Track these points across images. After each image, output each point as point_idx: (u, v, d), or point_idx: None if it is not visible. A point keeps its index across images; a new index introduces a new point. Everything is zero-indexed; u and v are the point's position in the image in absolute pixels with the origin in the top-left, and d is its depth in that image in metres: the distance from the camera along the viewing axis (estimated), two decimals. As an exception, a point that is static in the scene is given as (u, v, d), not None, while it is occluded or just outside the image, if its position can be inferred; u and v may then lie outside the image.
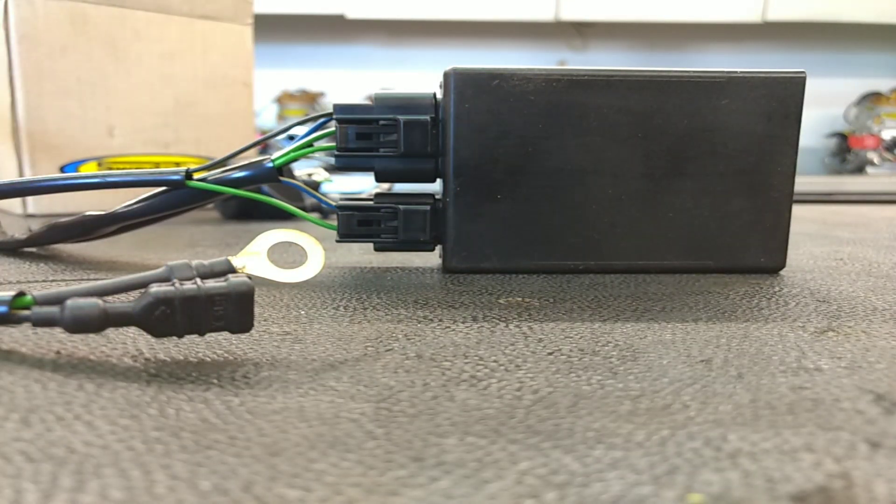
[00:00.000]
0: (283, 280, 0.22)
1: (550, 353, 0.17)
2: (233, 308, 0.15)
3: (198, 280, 0.15)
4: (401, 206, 0.25)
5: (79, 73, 0.46)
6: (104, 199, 0.27)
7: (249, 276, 0.16)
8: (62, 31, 0.45)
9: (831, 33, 1.57)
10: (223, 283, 0.15)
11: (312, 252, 0.22)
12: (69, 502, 0.10)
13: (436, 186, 0.27)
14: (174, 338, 0.15)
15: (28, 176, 0.45)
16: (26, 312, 0.15)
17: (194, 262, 0.16)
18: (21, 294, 0.14)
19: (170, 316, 0.15)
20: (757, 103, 0.25)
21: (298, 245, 0.22)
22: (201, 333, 0.15)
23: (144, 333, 0.18)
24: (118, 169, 0.48)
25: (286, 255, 0.30)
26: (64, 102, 0.46)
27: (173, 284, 0.15)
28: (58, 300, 0.14)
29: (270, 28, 1.31)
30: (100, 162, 0.48)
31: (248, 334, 0.18)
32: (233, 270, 0.17)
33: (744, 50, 1.62)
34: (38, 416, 0.12)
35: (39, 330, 0.18)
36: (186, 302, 0.15)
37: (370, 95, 0.26)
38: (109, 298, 0.15)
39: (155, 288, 0.15)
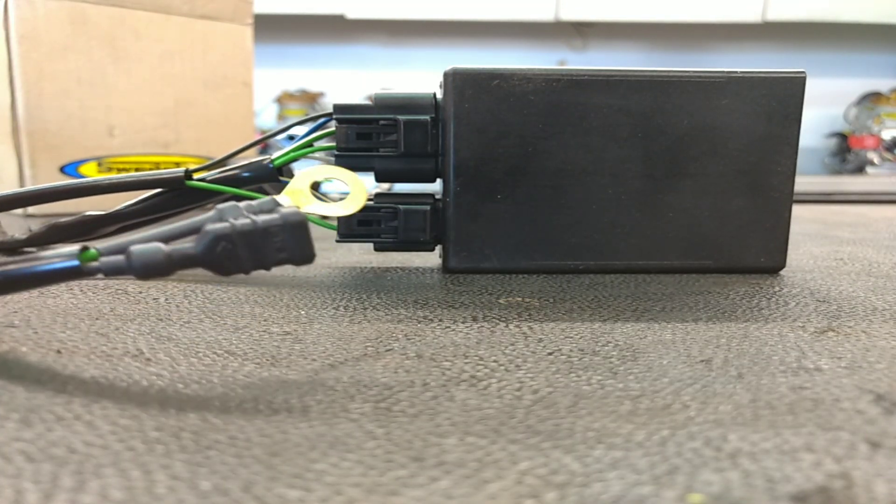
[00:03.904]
0: (329, 213, 0.21)
1: (550, 353, 0.17)
2: (291, 239, 0.15)
3: (251, 216, 0.15)
4: (401, 206, 0.25)
5: (79, 73, 0.46)
6: (104, 198, 0.27)
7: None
8: (62, 31, 0.45)
9: (831, 33, 1.57)
10: (276, 215, 0.15)
11: (354, 185, 0.22)
12: (69, 502, 0.10)
13: (436, 186, 0.27)
14: (241, 274, 0.15)
15: (28, 175, 0.45)
16: (95, 264, 0.14)
17: (242, 203, 0.16)
18: (85, 248, 0.14)
19: (232, 252, 0.15)
20: (757, 103, 0.25)
21: (338, 178, 0.22)
22: (267, 267, 0.15)
23: (145, 334, 0.18)
24: (118, 169, 0.48)
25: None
26: (64, 102, 0.46)
27: (228, 221, 0.15)
28: (121, 250, 0.14)
29: (270, 28, 1.31)
30: (100, 162, 0.48)
31: (247, 334, 0.18)
32: (279, 206, 0.16)
33: (744, 50, 1.62)
34: (39, 416, 0.12)
35: (40, 330, 0.18)
36: (245, 236, 0.15)
37: (370, 95, 0.26)
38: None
39: (211, 225, 0.15)
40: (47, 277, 0.15)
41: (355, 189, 0.22)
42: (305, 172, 0.20)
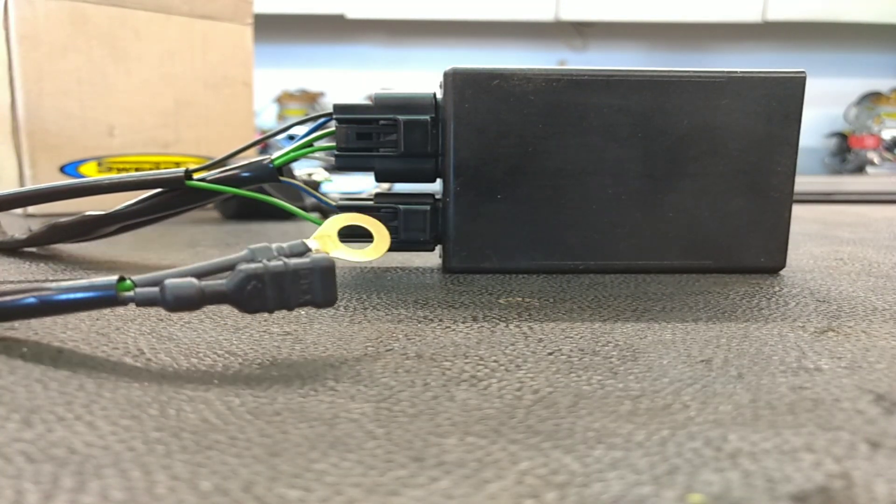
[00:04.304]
0: (354, 260, 0.22)
1: (550, 353, 0.17)
2: (318, 282, 0.16)
3: (283, 258, 0.16)
4: (401, 206, 0.25)
5: (79, 73, 0.46)
6: (104, 198, 0.27)
7: None
8: (62, 31, 0.45)
9: (831, 33, 1.57)
10: (307, 260, 0.16)
11: (379, 234, 0.23)
12: (70, 503, 0.10)
13: (436, 186, 0.27)
14: (264, 314, 0.16)
15: (28, 175, 0.45)
16: (130, 294, 0.15)
17: (274, 245, 0.17)
18: (122, 279, 0.15)
19: (260, 291, 0.15)
20: (757, 103, 0.25)
21: (364, 227, 0.23)
22: (290, 308, 0.16)
23: (146, 334, 0.18)
24: (118, 169, 0.48)
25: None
26: (64, 102, 0.46)
27: (261, 262, 0.16)
28: (155, 282, 0.15)
29: (270, 28, 1.31)
30: (100, 162, 0.48)
31: (248, 334, 0.18)
32: (309, 251, 0.17)
33: (744, 50, 1.62)
34: (40, 417, 0.12)
35: (41, 330, 0.18)
36: (275, 277, 0.16)
37: (370, 95, 0.26)
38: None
39: (244, 265, 0.16)
40: (84, 305, 0.15)
41: (379, 236, 0.23)
42: (335, 219, 0.22)
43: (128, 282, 0.15)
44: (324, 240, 0.21)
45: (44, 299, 0.15)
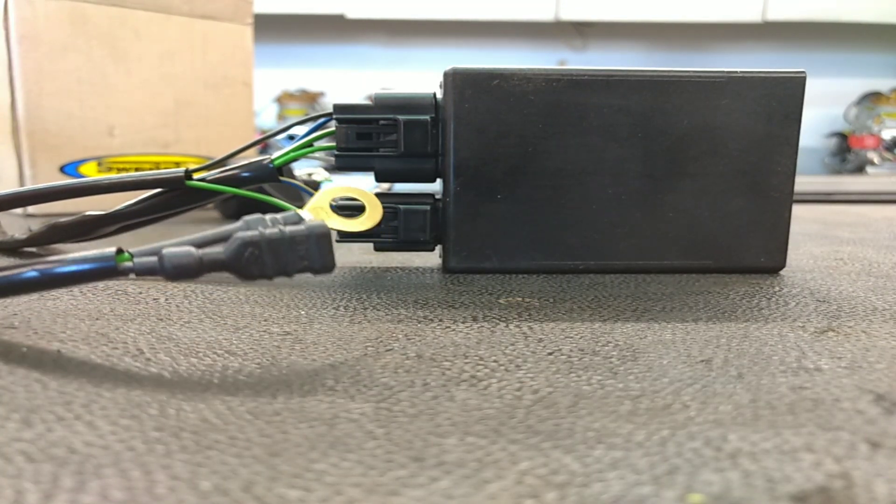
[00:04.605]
0: (347, 229, 0.23)
1: (550, 353, 0.17)
2: (314, 248, 0.16)
3: (279, 225, 0.16)
4: (401, 206, 0.25)
5: (79, 73, 0.46)
6: (104, 198, 0.27)
7: None
8: (62, 31, 0.45)
9: (831, 33, 1.57)
10: (302, 227, 0.16)
11: (371, 204, 0.23)
12: (70, 503, 0.10)
13: (436, 186, 0.27)
14: (264, 280, 0.16)
15: (28, 175, 0.45)
16: (129, 264, 0.15)
17: (268, 216, 0.17)
18: (120, 250, 0.15)
19: (258, 257, 0.15)
20: (757, 103, 0.25)
21: (356, 197, 0.23)
22: (289, 275, 0.16)
23: (146, 334, 0.18)
24: (118, 169, 0.48)
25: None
26: (64, 102, 0.46)
27: (257, 230, 0.16)
28: (154, 252, 0.15)
29: (270, 28, 1.31)
30: (100, 162, 0.48)
31: (248, 334, 0.18)
32: (302, 220, 0.18)
33: (744, 50, 1.62)
34: (39, 417, 0.12)
35: (41, 330, 0.18)
36: (272, 244, 0.16)
37: (370, 95, 0.26)
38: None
39: (241, 233, 0.16)
40: (84, 277, 0.15)
41: (371, 206, 0.23)
42: (327, 191, 0.22)
43: (126, 253, 0.15)
44: (317, 211, 0.21)
45: (45, 272, 0.15)
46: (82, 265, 0.15)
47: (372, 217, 0.23)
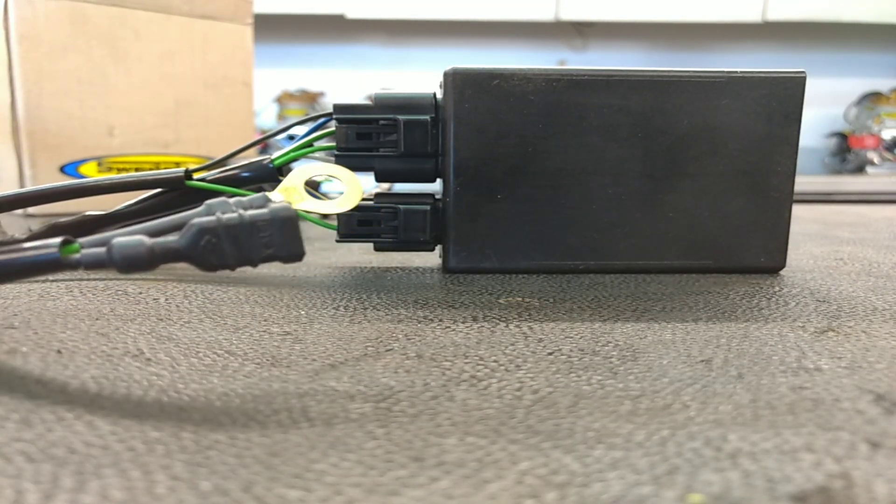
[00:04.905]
0: (322, 211, 0.20)
1: (550, 353, 0.17)
2: (278, 234, 0.15)
3: (240, 210, 0.15)
4: (401, 206, 0.25)
5: (79, 73, 0.46)
6: (104, 198, 0.27)
7: None
8: (62, 31, 0.45)
9: (831, 33, 1.57)
10: (265, 210, 0.15)
11: (350, 183, 0.21)
12: (70, 503, 0.10)
13: (436, 186, 0.27)
14: (226, 271, 0.15)
15: (28, 175, 0.45)
16: (76, 256, 0.14)
17: (232, 199, 0.16)
18: (68, 241, 0.14)
19: (216, 245, 0.14)
20: (757, 103, 0.25)
21: (334, 176, 0.21)
22: (254, 264, 0.15)
23: (146, 334, 0.18)
24: (118, 169, 0.48)
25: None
26: (64, 102, 0.46)
27: (215, 215, 0.15)
28: (103, 243, 0.14)
29: (270, 28, 1.31)
30: (100, 162, 0.48)
31: (247, 334, 0.18)
32: (269, 202, 0.16)
33: (744, 50, 1.62)
34: (39, 417, 0.12)
35: (40, 331, 0.18)
36: (230, 230, 0.14)
37: (370, 95, 0.26)
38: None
39: (197, 219, 0.15)
40: (28, 269, 0.14)
41: (351, 187, 0.21)
42: (300, 170, 0.20)
43: (74, 244, 0.14)
44: (289, 192, 0.19)
45: None
46: (25, 257, 0.14)
47: (351, 198, 0.21)
